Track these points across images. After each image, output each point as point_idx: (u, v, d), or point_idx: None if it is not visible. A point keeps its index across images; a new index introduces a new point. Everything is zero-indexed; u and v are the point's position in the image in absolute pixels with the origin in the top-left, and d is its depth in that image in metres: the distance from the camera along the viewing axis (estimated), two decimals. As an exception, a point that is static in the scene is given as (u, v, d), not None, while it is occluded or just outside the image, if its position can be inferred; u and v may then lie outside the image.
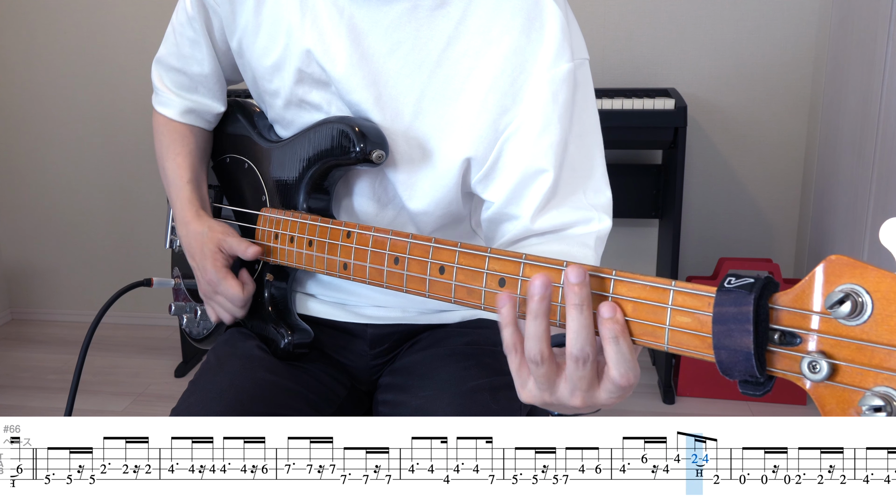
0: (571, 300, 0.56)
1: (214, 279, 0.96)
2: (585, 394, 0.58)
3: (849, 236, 2.01)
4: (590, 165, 0.85)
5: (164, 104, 1.05)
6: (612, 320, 0.55)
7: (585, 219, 0.83)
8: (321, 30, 0.87)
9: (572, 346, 0.57)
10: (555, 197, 0.82)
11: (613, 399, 0.59)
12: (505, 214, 0.85)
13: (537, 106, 0.81)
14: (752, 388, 0.50)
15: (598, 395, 0.58)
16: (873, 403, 0.43)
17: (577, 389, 0.58)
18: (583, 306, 0.56)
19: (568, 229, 0.83)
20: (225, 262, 0.96)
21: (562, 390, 0.59)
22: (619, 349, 0.55)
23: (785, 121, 2.43)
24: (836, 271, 0.46)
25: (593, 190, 0.85)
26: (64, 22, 2.71)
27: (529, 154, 0.82)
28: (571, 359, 0.57)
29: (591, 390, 0.58)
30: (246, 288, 0.96)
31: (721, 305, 0.50)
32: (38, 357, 2.67)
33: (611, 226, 0.84)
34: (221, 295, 0.97)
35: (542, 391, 0.60)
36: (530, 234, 0.84)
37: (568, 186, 0.83)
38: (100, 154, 2.81)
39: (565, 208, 0.83)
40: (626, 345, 0.55)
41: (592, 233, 0.82)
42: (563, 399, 0.60)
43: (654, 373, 2.45)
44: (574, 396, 0.59)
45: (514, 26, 0.82)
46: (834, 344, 0.46)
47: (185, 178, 1.02)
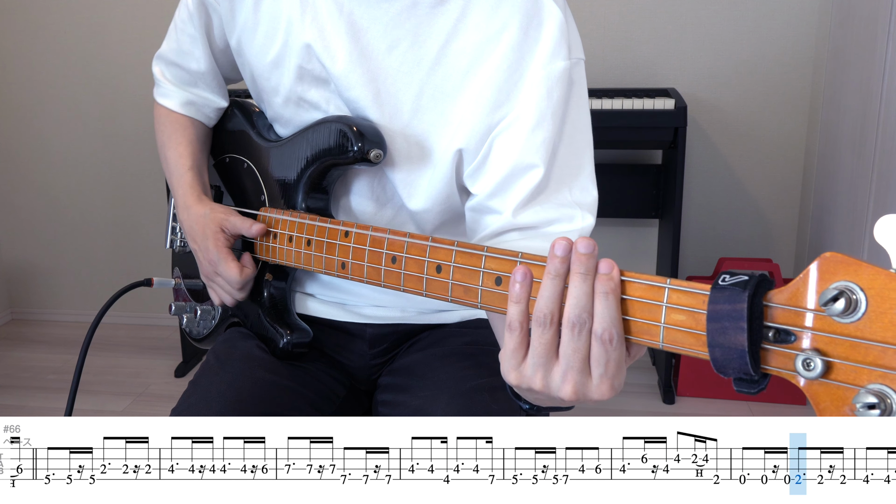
0: (578, 269, 0.58)
1: (215, 259, 0.96)
2: (578, 375, 0.58)
3: (849, 236, 2.01)
4: (578, 164, 0.85)
5: (165, 95, 1.05)
6: (608, 276, 0.57)
7: (568, 216, 0.82)
8: (321, 26, 0.87)
9: (570, 312, 0.57)
10: (542, 193, 0.82)
11: (604, 390, 0.58)
12: (488, 207, 0.84)
13: (532, 102, 0.82)
14: (746, 385, 0.50)
15: (589, 385, 0.59)
16: (867, 401, 0.43)
17: (571, 369, 0.58)
18: (587, 275, 0.57)
19: (549, 226, 0.82)
20: (226, 243, 0.96)
21: (555, 373, 0.59)
22: (608, 304, 0.56)
23: (785, 120, 2.43)
24: (830, 269, 0.46)
25: (580, 188, 0.84)
26: (64, 22, 2.71)
27: (521, 149, 0.82)
28: (568, 326, 0.58)
29: (584, 375, 0.58)
30: (244, 271, 0.95)
31: (715, 303, 0.50)
32: (38, 357, 2.68)
33: (593, 224, 0.83)
34: (221, 276, 0.97)
35: (535, 371, 0.60)
36: (512, 228, 0.82)
37: (555, 183, 0.83)
38: (100, 154, 2.81)
39: (549, 205, 0.82)
40: (614, 302, 0.56)
41: (575, 230, 0.82)
42: (554, 383, 0.60)
43: (654, 373, 2.45)
44: (566, 380, 0.59)
45: (514, 24, 0.82)
46: (828, 341, 0.46)
47: (186, 166, 1.02)
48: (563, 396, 0.59)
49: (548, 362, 0.59)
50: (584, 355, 0.58)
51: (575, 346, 0.58)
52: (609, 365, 0.57)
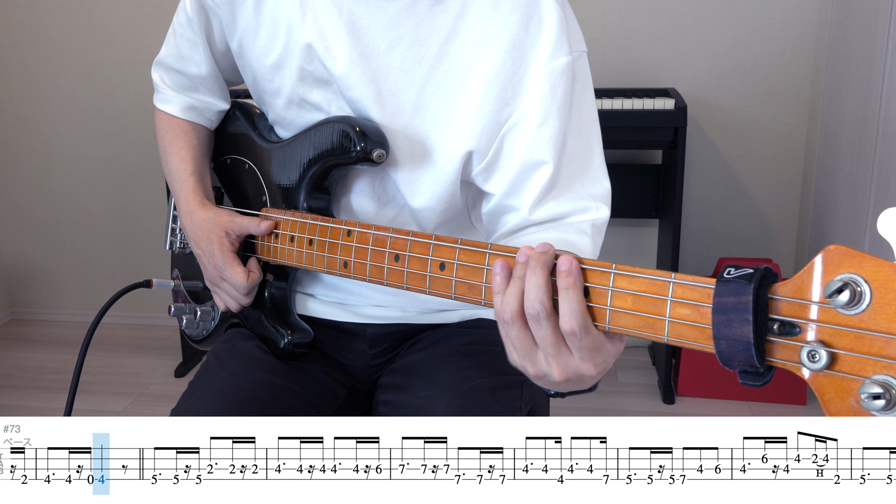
0: (531, 265, 0.61)
1: (221, 264, 0.95)
2: (557, 358, 0.61)
3: (849, 236, 2.01)
4: (588, 156, 0.87)
5: (166, 101, 1.05)
6: (567, 272, 0.59)
7: (583, 208, 0.85)
8: (321, 27, 0.87)
9: (526, 305, 0.61)
10: (554, 188, 0.84)
11: (588, 365, 0.61)
12: (505, 206, 0.86)
13: (536, 99, 0.83)
14: (752, 378, 0.50)
15: (573, 363, 0.61)
16: (872, 391, 0.43)
17: (548, 354, 0.62)
18: (537, 268, 0.61)
19: (565, 218, 0.85)
20: (231, 247, 0.95)
21: (540, 359, 0.63)
22: (568, 298, 0.59)
23: (785, 120, 2.43)
24: (834, 261, 0.46)
25: (591, 180, 0.86)
26: (64, 22, 2.71)
27: (529, 146, 0.83)
28: (529, 319, 0.61)
29: (563, 357, 0.61)
30: (251, 275, 0.95)
31: (721, 296, 0.50)
32: (38, 357, 2.68)
33: (608, 215, 0.86)
34: (227, 281, 0.96)
35: (524, 361, 0.64)
36: (529, 224, 0.85)
37: (566, 178, 0.84)
38: (100, 154, 2.81)
39: (563, 199, 0.84)
40: (574, 296, 0.59)
41: (588, 220, 0.84)
42: (542, 368, 0.63)
43: (654, 373, 2.45)
44: (550, 364, 0.62)
45: (513, 21, 0.83)
46: (833, 333, 0.46)
47: (188, 171, 1.02)
48: (555, 379, 0.63)
49: (530, 352, 0.63)
50: (553, 341, 0.61)
51: (541, 334, 0.61)
52: (583, 350, 0.60)
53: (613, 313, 0.58)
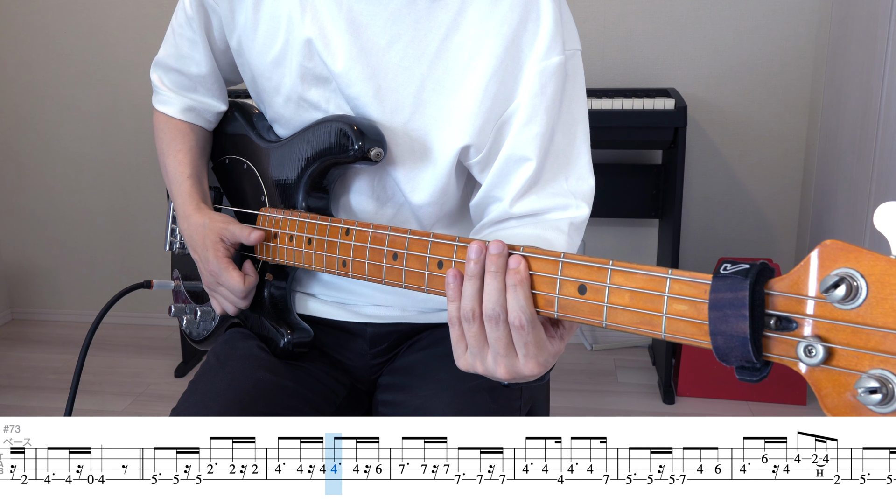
0: (490, 268, 0.65)
1: (216, 269, 0.95)
2: (506, 358, 0.66)
3: (849, 236, 2.01)
4: (574, 153, 0.88)
5: (165, 102, 1.05)
6: (515, 271, 0.63)
7: (563, 205, 0.86)
8: (321, 24, 0.87)
9: (485, 307, 0.65)
10: (536, 184, 0.86)
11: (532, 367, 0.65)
12: (491, 197, 0.88)
13: (527, 97, 0.84)
14: (748, 373, 0.50)
15: (517, 364, 0.66)
16: (869, 385, 0.43)
17: (498, 354, 0.66)
18: (498, 273, 0.64)
19: (544, 214, 0.86)
20: (226, 253, 0.96)
21: (489, 358, 0.67)
22: (516, 294, 0.63)
23: (785, 120, 2.43)
24: (830, 256, 0.46)
25: (576, 177, 0.88)
26: (64, 22, 2.71)
27: (515, 142, 0.85)
28: (486, 319, 0.65)
29: (510, 358, 0.66)
30: (247, 279, 0.95)
31: (717, 291, 0.50)
32: (38, 357, 2.68)
33: (588, 213, 0.88)
34: (223, 286, 0.96)
35: (474, 359, 0.68)
36: (509, 216, 0.86)
37: (550, 173, 0.86)
38: (100, 154, 2.81)
39: (544, 194, 0.86)
40: (522, 292, 0.63)
41: (567, 218, 0.86)
42: (490, 367, 0.67)
43: (654, 373, 2.45)
44: (498, 364, 0.66)
45: (513, 17, 0.83)
46: (829, 328, 0.46)
47: (185, 174, 1.02)
48: (500, 377, 0.67)
49: (481, 351, 0.67)
50: (506, 342, 0.65)
51: (496, 335, 0.65)
52: (529, 347, 0.64)
53: (611, 310, 0.58)
